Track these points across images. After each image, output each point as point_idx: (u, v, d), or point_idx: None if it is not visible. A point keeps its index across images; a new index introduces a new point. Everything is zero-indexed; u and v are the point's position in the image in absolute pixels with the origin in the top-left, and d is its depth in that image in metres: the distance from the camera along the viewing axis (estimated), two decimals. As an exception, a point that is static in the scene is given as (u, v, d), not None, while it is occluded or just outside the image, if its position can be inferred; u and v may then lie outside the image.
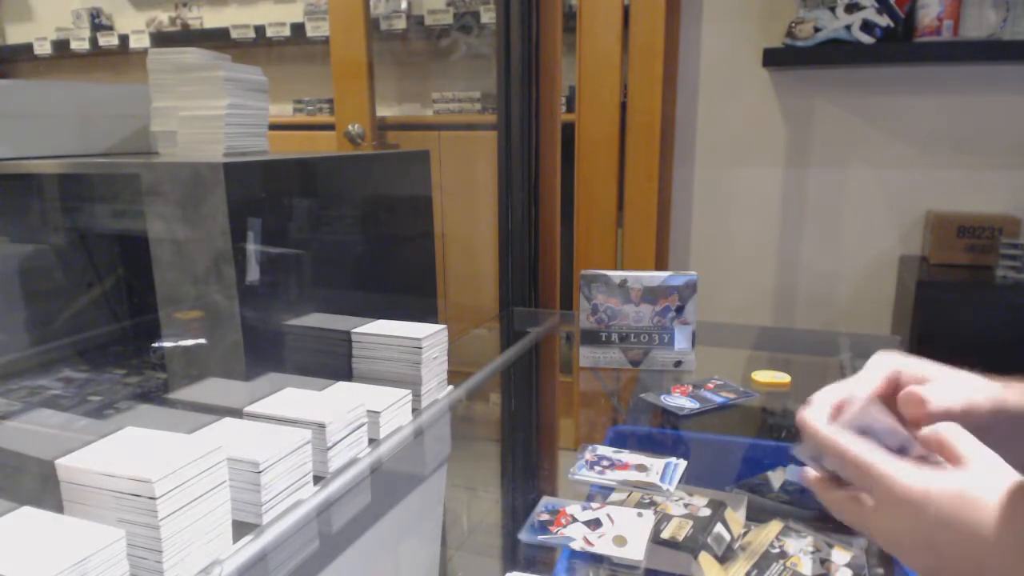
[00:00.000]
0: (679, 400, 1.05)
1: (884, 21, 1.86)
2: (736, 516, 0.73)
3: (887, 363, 0.54)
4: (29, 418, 0.91)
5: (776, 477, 0.82)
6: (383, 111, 2.71)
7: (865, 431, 0.49)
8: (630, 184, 2.18)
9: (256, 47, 3.00)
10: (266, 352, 0.90)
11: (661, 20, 2.05)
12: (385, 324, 0.98)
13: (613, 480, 0.80)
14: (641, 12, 2.07)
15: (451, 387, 1.02)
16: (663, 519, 0.71)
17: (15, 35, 3.51)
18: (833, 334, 1.46)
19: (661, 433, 1.03)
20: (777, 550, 0.67)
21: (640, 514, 0.72)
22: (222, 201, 0.82)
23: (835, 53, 1.93)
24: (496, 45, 1.70)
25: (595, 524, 0.71)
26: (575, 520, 0.72)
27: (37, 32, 3.36)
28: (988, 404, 0.51)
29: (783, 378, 1.15)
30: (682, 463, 0.83)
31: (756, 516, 0.75)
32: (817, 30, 1.92)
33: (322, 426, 0.75)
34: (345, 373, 0.98)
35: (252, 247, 0.86)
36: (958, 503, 0.44)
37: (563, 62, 1.87)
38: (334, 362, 0.97)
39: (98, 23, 3.24)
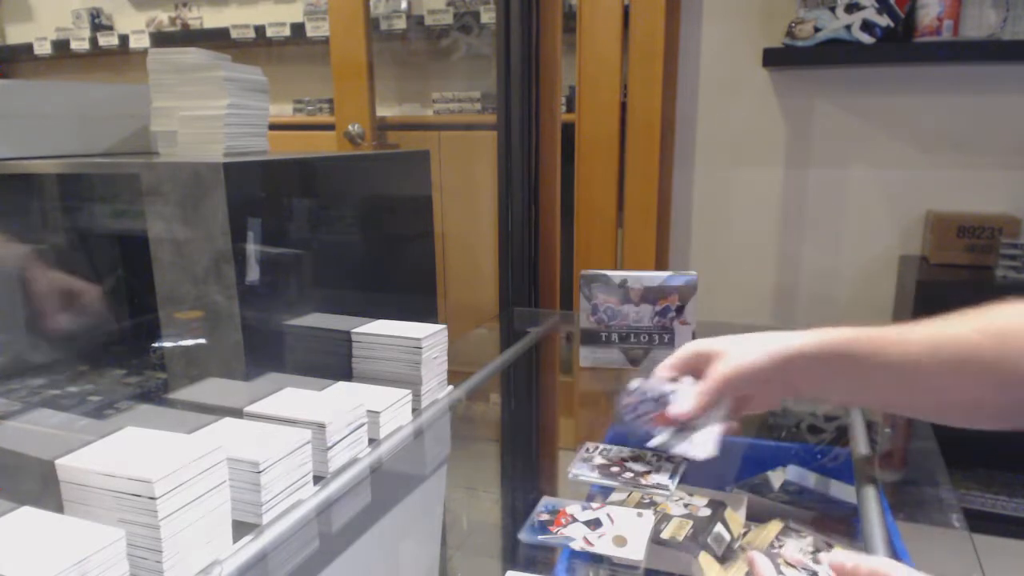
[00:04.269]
0: (679, 400, 1.05)
1: (884, 21, 1.86)
2: (736, 516, 0.73)
3: (687, 347, 0.76)
4: (29, 418, 0.91)
5: (776, 477, 0.82)
6: (383, 111, 2.72)
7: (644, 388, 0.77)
8: (630, 184, 2.18)
9: (256, 47, 3.01)
10: (266, 352, 0.90)
11: (661, 20, 2.05)
12: (385, 324, 0.98)
13: (613, 480, 0.80)
14: (641, 12, 2.07)
15: (451, 387, 1.02)
16: (663, 519, 0.71)
17: (15, 35, 3.51)
18: (833, 334, 1.45)
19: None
20: (777, 550, 0.67)
21: (640, 514, 0.72)
22: (222, 201, 0.82)
23: (835, 53, 1.93)
24: (496, 45, 1.70)
25: (595, 524, 0.71)
26: (575, 520, 0.72)
27: (37, 32, 3.36)
28: (772, 357, 0.66)
29: (783, 378, 1.15)
30: (682, 463, 0.83)
31: (756, 516, 0.75)
32: (817, 30, 1.92)
33: (322, 426, 0.75)
34: (345, 373, 0.97)
35: (252, 247, 0.86)
36: None
37: (563, 62, 1.87)
38: (334, 362, 0.97)
39: (98, 23, 3.24)
